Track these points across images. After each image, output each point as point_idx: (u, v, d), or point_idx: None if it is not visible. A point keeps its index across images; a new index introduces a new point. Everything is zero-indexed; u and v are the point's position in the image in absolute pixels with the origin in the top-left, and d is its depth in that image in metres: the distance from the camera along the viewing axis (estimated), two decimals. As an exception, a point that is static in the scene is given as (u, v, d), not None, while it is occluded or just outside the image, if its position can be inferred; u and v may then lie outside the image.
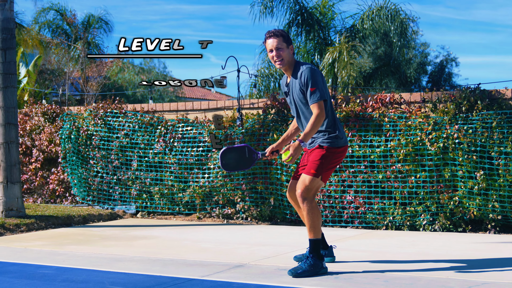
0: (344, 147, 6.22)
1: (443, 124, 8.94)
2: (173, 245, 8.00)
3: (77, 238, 8.70)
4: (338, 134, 6.13)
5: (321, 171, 6.09)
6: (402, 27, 20.39)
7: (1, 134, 9.93)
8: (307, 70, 6.02)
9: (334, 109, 9.56)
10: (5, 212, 9.81)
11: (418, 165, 8.99)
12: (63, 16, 26.40)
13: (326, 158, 6.11)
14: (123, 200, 11.28)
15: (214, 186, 10.39)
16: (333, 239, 7.99)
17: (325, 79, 6.19)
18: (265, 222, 10.08)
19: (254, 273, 6.10)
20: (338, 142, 6.14)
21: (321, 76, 6.07)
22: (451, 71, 33.48)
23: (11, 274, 6.34)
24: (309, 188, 6.04)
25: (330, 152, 6.13)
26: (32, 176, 12.52)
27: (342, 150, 6.21)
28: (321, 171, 6.09)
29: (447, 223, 8.80)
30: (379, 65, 25.31)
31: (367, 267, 6.33)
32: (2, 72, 9.91)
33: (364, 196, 9.33)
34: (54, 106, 12.86)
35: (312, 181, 6.05)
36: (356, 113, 9.49)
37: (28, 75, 21.15)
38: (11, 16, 9.99)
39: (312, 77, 5.97)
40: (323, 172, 6.11)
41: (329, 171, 6.20)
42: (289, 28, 20.39)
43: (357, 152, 9.32)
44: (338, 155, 6.20)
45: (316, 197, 9.50)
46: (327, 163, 6.12)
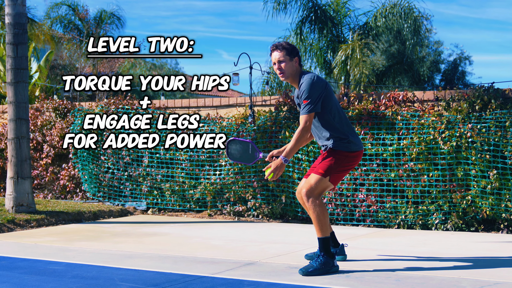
0: (357, 152, 6.20)
1: (456, 122, 8.87)
2: (184, 242, 7.97)
3: (87, 234, 8.68)
4: (350, 138, 6.12)
5: (330, 172, 6.06)
6: (416, 25, 20.30)
7: (12, 129, 9.92)
8: (305, 81, 6.07)
9: (346, 108, 9.53)
10: (15, 207, 9.80)
11: (431, 164, 8.92)
12: (75, 11, 26.41)
13: (337, 160, 6.10)
14: (133, 197, 11.27)
15: (226, 183, 10.36)
16: (344, 237, 7.94)
17: (328, 85, 6.14)
18: (276, 220, 10.04)
19: (265, 271, 6.07)
20: (350, 147, 6.13)
21: (320, 87, 6.04)
22: (465, 69, 33.37)
23: (21, 269, 6.33)
24: (313, 187, 6.02)
25: (342, 155, 6.12)
26: (43, 171, 12.52)
27: (356, 154, 6.19)
28: (330, 172, 6.06)
29: (459, 222, 8.73)
30: (392, 63, 25.23)
31: (379, 265, 6.29)
32: (13, 67, 9.90)
33: (376, 194, 9.28)
34: (65, 101, 12.84)
35: (319, 180, 6.02)
36: (368, 111, 9.43)
37: (39, 70, 21.18)
38: (23, 11, 9.98)
39: (308, 89, 6.01)
40: (332, 173, 6.08)
41: (339, 173, 6.18)
42: (302, 25, 20.34)
43: (370, 150, 9.27)
44: (350, 159, 6.17)
45: (327, 195, 9.47)
46: (337, 165, 6.10)
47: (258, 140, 10.09)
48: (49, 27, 25.99)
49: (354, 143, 6.14)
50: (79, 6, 26.56)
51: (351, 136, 6.13)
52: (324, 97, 6.06)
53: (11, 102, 9.94)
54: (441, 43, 32.69)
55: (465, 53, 33.66)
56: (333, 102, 6.12)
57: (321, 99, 6.03)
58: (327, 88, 6.10)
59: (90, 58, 24.71)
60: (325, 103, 6.08)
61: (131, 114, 11.35)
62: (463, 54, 33.32)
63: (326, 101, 6.08)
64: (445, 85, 28.27)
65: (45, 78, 21.96)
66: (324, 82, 6.10)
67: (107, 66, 25.31)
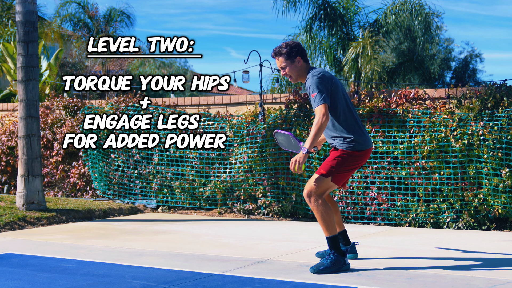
0: (364, 151, 6.11)
1: (468, 120, 8.83)
2: (194, 240, 7.96)
3: (98, 232, 8.68)
4: (354, 138, 6.02)
5: (332, 172, 6.01)
6: (426, 22, 20.24)
7: (22, 127, 9.93)
8: (310, 77, 6.04)
9: (357, 105, 9.49)
10: (26, 205, 9.81)
11: (442, 162, 8.88)
12: (85, 9, 26.46)
13: (340, 160, 6.04)
14: (144, 195, 11.27)
15: (236, 181, 10.34)
16: (355, 235, 7.91)
17: (335, 82, 6.07)
18: (286, 218, 10.02)
19: (276, 269, 6.06)
20: (355, 146, 6.05)
21: (325, 81, 5.97)
22: (476, 67, 33.25)
23: (32, 267, 6.33)
24: (314, 188, 5.98)
25: (347, 154, 6.05)
26: (53, 169, 12.53)
27: (362, 154, 6.10)
28: (332, 172, 6.01)
29: (471, 220, 8.69)
30: (402, 61, 25.16)
31: (390, 264, 6.26)
32: (24, 65, 9.91)
33: (387, 192, 9.24)
34: (75, 99, 12.85)
35: (319, 180, 5.99)
36: (379, 109, 9.40)
37: (49, 68, 21.20)
38: (34, 9, 9.99)
39: (313, 83, 5.96)
40: (335, 173, 6.02)
41: (343, 173, 6.11)
42: (312, 22, 20.32)
43: (380, 148, 9.23)
44: (356, 159, 6.10)
45: (338, 193, 9.44)
46: (340, 165, 6.04)
47: (269, 138, 10.07)
48: (59, 25, 26.04)
49: (359, 143, 6.05)
50: (89, 4, 26.63)
51: (356, 136, 6.04)
52: (330, 94, 6.01)
53: (21, 100, 9.95)
54: (451, 40, 32.59)
55: (476, 51, 33.56)
56: (339, 101, 6.04)
57: (330, 92, 5.97)
58: (334, 84, 6.03)
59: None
60: (331, 101, 6.02)
61: (141, 112, 11.35)
62: (474, 51, 33.21)
63: (332, 99, 6.01)
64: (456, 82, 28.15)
65: (55, 76, 22.00)
66: (330, 77, 6.05)
67: (117, 64, 25.31)
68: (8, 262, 6.59)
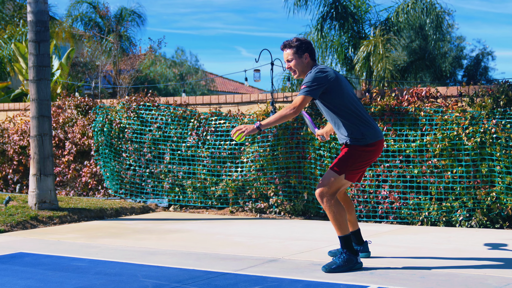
0: (375, 144, 6.03)
1: (480, 118, 8.79)
2: (206, 239, 7.96)
3: (109, 231, 8.70)
4: (363, 132, 5.96)
5: (345, 169, 5.96)
6: (438, 20, 20.17)
7: (34, 127, 9.96)
8: (311, 72, 6.01)
9: (369, 104, 9.47)
10: (38, 204, 9.84)
11: (455, 160, 8.85)
12: (96, 8, 26.50)
13: (352, 157, 6.00)
14: (155, 194, 11.28)
15: (247, 180, 10.34)
16: (367, 234, 7.89)
17: (339, 81, 6.01)
18: (298, 216, 10.01)
19: (288, 268, 6.05)
20: (366, 140, 5.98)
21: (322, 79, 5.91)
22: (487, 65, 33.13)
23: (45, 266, 6.34)
24: (327, 186, 5.93)
25: (358, 150, 6.00)
26: (65, 168, 12.56)
27: (374, 148, 6.04)
28: (345, 169, 5.96)
29: (484, 219, 8.65)
30: (414, 59, 25.09)
31: (403, 263, 6.24)
32: (36, 64, 9.93)
33: (399, 191, 9.21)
34: (87, 99, 12.87)
35: (333, 179, 5.95)
36: (391, 107, 9.37)
37: (61, 67, 21.24)
38: (45, 9, 10.01)
39: (308, 77, 5.95)
40: (348, 170, 5.98)
41: (356, 170, 6.05)
42: (323, 21, 20.29)
43: (392, 147, 9.20)
44: (368, 154, 6.04)
45: (350, 191, 9.42)
46: (352, 162, 5.99)
47: (280, 137, 10.06)
48: (70, 25, 26.11)
49: (369, 136, 5.98)
50: (100, 4, 26.67)
51: (364, 129, 5.97)
52: (329, 91, 5.93)
53: (33, 99, 9.98)
54: (463, 38, 32.47)
55: (488, 48, 33.42)
56: (343, 98, 5.96)
57: (321, 89, 5.89)
58: (334, 82, 5.94)
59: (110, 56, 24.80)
60: (330, 98, 5.96)
61: (152, 111, 11.36)
62: (486, 49, 33.08)
63: (332, 96, 5.95)
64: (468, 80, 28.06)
65: (66, 76, 22.04)
66: (330, 76, 5.94)
67: (128, 63, 25.34)
68: (20, 261, 6.60)
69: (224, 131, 10.66)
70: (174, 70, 38.07)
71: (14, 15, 26.15)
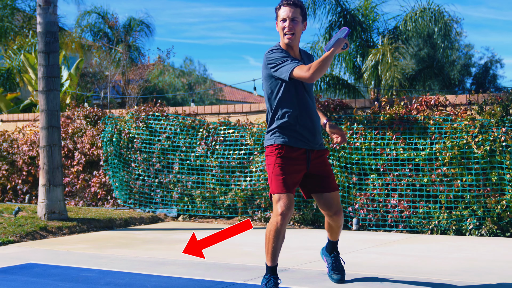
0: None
1: (490, 126, 8.76)
2: (215, 248, 7.94)
3: (119, 241, 8.69)
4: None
5: None
6: (446, 29, 20.12)
7: (44, 137, 9.98)
8: (310, 55, 5.64)
9: (378, 112, 9.45)
10: (47, 214, 9.85)
11: (464, 169, 8.82)
12: (104, 19, 26.59)
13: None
14: (164, 203, 11.28)
15: (256, 189, 10.33)
16: (377, 243, 7.87)
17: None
18: (307, 226, 9.99)
19: (297, 278, 6.03)
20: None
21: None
22: (496, 72, 33.03)
23: (54, 277, 6.34)
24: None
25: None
26: (74, 179, 12.58)
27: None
28: None
29: (494, 227, 8.61)
30: (422, 67, 25.03)
31: (414, 271, 6.21)
32: (45, 75, 9.96)
33: (408, 199, 9.18)
34: (96, 109, 12.90)
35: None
36: (400, 116, 9.35)
37: (70, 78, 21.31)
38: (54, 20, 10.04)
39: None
40: None
41: None
42: (330, 30, 20.26)
43: (402, 155, 9.18)
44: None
45: (359, 200, 9.39)
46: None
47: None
48: (79, 36, 26.19)
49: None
50: (108, 14, 26.76)
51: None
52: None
53: (43, 110, 10.00)
54: (471, 46, 32.41)
55: (496, 56, 33.36)
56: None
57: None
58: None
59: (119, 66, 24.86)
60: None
61: (161, 120, 11.37)
62: (494, 57, 33.00)
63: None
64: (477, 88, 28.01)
65: (75, 86, 22.11)
66: None
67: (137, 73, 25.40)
68: (30, 272, 6.60)
69: (233, 141, 10.66)
70: (183, 80, 38.15)
71: (24, 26, 26.25)
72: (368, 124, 9.58)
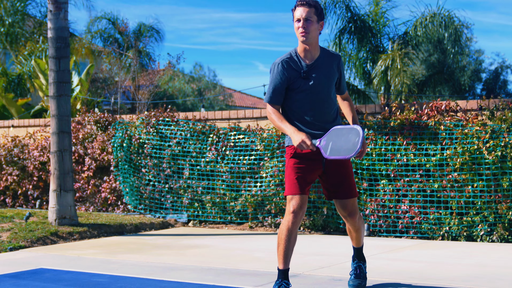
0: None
1: (501, 132, 8.73)
2: (226, 254, 7.94)
3: (129, 247, 8.70)
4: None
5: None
6: (456, 34, 20.10)
7: (54, 143, 10.01)
8: (338, 56, 5.57)
9: (388, 118, 9.43)
10: (58, 220, 9.87)
11: (475, 174, 8.79)
12: (115, 25, 26.69)
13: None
14: (174, 209, 11.28)
15: (267, 195, 10.32)
16: (388, 249, 7.84)
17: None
18: (318, 231, 9.97)
19: (308, 283, 6.02)
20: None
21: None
22: (506, 78, 33.01)
23: (65, 282, 6.35)
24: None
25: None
26: (85, 184, 12.60)
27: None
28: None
29: (505, 233, 8.57)
30: (432, 73, 25.02)
31: (425, 277, 6.19)
32: (56, 80, 9.99)
33: (419, 205, 9.16)
34: (106, 114, 12.92)
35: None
36: (411, 121, 9.33)
37: (80, 83, 21.38)
38: (65, 25, 10.08)
39: (343, 64, 5.64)
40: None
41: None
42: (340, 35, 20.29)
43: (412, 161, 9.16)
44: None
45: (370, 206, 9.37)
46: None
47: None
48: (90, 41, 26.29)
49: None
50: (118, 20, 26.86)
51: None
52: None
53: (53, 115, 10.03)
54: (481, 52, 32.38)
55: (507, 62, 33.29)
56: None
57: None
58: None
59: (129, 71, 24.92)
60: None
61: (171, 126, 11.38)
62: (505, 62, 32.95)
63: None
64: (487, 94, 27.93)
65: (86, 92, 22.17)
66: None
67: (147, 79, 25.47)
68: (41, 277, 6.62)
69: (243, 146, 10.66)
70: (192, 85, 38.20)
71: (34, 32, 26.38)
72: (378, 129, 9.56)
